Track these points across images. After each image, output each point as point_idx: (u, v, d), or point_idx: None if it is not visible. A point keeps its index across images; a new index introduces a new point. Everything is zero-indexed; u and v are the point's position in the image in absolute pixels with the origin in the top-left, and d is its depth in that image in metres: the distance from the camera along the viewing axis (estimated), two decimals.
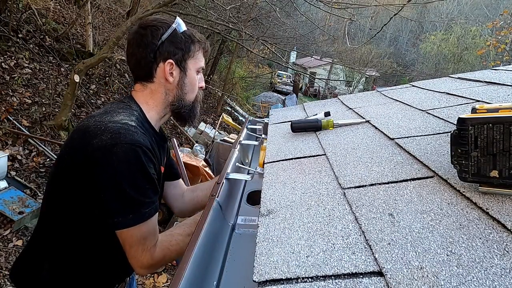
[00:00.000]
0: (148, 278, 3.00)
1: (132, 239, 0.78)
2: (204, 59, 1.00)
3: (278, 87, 19.88)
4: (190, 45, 0.93)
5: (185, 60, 0.93)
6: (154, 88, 0.92)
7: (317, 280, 0.45)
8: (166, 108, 0.95)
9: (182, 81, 0.94)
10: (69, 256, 0.86)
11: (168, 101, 0.94)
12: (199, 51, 0.97)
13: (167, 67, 0.90)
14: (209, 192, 1.10)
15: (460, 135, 0.55)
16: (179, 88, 0.94)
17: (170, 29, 0.90)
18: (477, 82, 1.35)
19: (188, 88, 0.95)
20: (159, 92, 0.93)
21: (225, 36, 6.33)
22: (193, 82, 0.97)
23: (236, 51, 9.65)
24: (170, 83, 0.92)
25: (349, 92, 21.23)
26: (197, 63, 0.96)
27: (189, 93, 0.96)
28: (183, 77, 0.94)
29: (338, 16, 5.97)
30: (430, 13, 28.77)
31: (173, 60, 0.90)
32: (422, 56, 26.66)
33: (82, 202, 0.80)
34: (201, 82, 1.01)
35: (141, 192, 0.78)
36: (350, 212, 0.60)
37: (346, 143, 0.96)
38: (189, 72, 0.94)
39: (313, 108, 1.60)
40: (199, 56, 0.96)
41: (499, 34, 8.87)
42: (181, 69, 0.93)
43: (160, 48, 0.89)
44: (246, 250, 0.73)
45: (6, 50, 4.22)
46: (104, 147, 0.74)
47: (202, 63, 0.99)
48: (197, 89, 0.99)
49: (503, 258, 0.41)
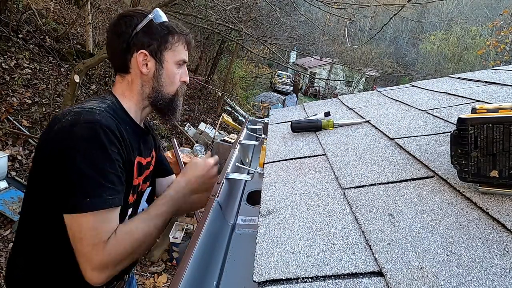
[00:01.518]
0: (148, 278, 3.00)
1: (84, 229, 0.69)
2: (186, 52, 0.97)
3: (278, 87, 19.89)
4: (168, 36, 0.90)
5: (161, 52, 0.90)
6: (130, 80, 0.91)
7: (317, 280, 0.45)
8: (144, 100, 0.92)
9: (158, 73, 0.91)
10: (44, 255, 0.81)
11: (145, 93, 0.92)
12: (179, 43, 0.93)
13: (140, 57, 0.87)
14: None
15: (460, 135, 0.55)
16: (155, 80, 0.91)
17: (146, 19, 0.88)
18: (477, 82, 1.35)
19: (166, 81, 0.92)
20: (135, 84, 0.91)
21: (225, 36, 6.33)
22: (171, 75, 0.93)
23: (236, 51, 9.64)
24: (145, 74, 0.90)
25: (349, 92, 21.23)
26: (176, 55, 0.93)
27: (167, 86, 0.93)
28: (159, 69, 0.91)
29: (338, 16, 5.97)
30: (430, 13, 28.77)
31: (146, 50, 0.88)
32: (422, 56, 26.65)
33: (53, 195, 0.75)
34: (184, 76, 0.97)
35: (101, 173, 0.72)
36: (350, 212, 0.60)
37: (346, 143, 0.96)
38: (166, 64, 0.91)
39: (313, 108, 1.60)
40: (178, 48, 0.93)
41: (499, 34, 8.87)
42: (156, 61, 0.90)
43: (134, 38, 0.87)
44: (246, 250, 0.73)
45: (6, 50, 4.22)
46: (63, 128, 0.72)
47: (183, 56, 0.95)
48: (177, 82, 0.96)
49: (503, 258, 0.41)
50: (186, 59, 0.97)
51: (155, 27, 0.89)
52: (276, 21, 8.50)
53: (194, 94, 8.40)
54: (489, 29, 16.31)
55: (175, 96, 0.96)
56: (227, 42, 9.17)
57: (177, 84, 0.96)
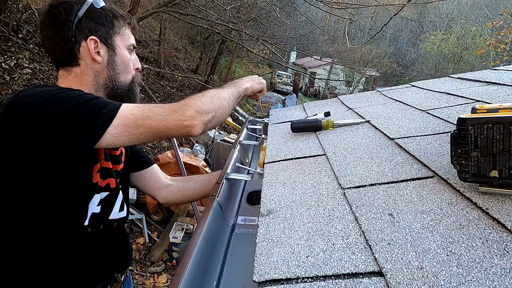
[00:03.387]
0: (148, 278, 3.00)
1: (137, 115, 0.72)
2: (133, 37, 0.92)
3: (278, 87, 19.89)
4: (113, 20, 0.86)
5: (111, 37, 0.85)
6: (80, 72, 0.83)
7: (317, 280, 0.45)
8: (98, 92, 0.86)
9: (112, 60, 0.86)
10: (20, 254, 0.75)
11: (99, 84, 0.85)
12: (125, 27, 0.89)
13: (91, 45, 0.81)
14: (202, 185, 1.09)
15: (460, 135, 0.55)
16: (110, 68, 0.85)
17: (86, 4, 0.82)
18: (477, 82, 1.35)
19: (121, 67, 0.87)
20: (87, 75, 0.84)
21: (225, 36, 6.34)
22: (126, 61, 0.89)
23: (236, 51, 9.65)
24: (99, 63, 0.84)
25: (349, 92, 21.23)
26: (126, 40, 0.89)
27: (123, 74, 0.88)
28: (113, 55, 0.86)
29: (338, 16, 5.97)
30: (430, 13, 28.77)
31: (96, 36, 0.82)
32: (422, 56, 26.67)
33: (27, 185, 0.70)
34: (137, 63, 0.93)
35: (80, 96, 0.69)
36: (350, 212, 0.60)
37: (346, 143, 0.96)
38: (118, 50, 0.87)
39: (313, 108, 1.60)
40: (126, 32, 0.89)
41: (499, 34, 8.88)
42: (108, 47, 0.85)
43: (78, 26, 0.80)
44: (246, 250, 0.73)
45: (6, 50, 4.22)
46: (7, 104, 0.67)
47: (132, 40, 0.91)
48: (132, 69, 0.91)
49: (503, 258, 0.41)
50: (135, 44, 0.93)
51: (98, 12, 0.83)
52: (276, 21, 8.50)
53: (194, 94, 8.40)
54: (489, 29, 16.31)
55: (132, 84, 0.91)
56: (227, 42, 9.18)
57: (132, 71, 0.92)
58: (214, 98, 0.85)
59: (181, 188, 1.11)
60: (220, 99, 0.87)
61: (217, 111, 0.84)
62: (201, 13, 5.68)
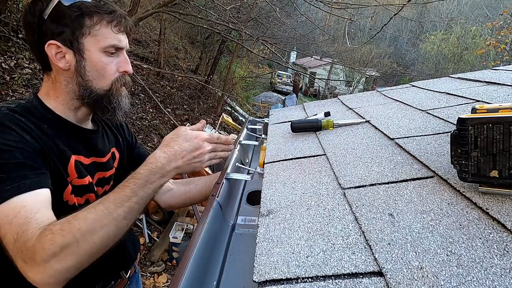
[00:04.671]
0: (148, 278, 3.00)
1: (4, 225, 0.59)
2: (118, 36, 0.78)
3: (278, 87, 19.91)
4: (81, 19, 0.73)
5: (77, 40, 0.74)
6: (54, 77, 0.78)
7: (317, 280, 0.45)
8: (73, 99, 0.79)
9: (80, 66, 0.76)
10: None
11: (73, 91, 0.78)
12: (101, 25, 0.75)
13: (51, 50, 0.74)
14: (203, 188, 1.06)
15: (460, 135, 0.55)
16: (78, 74, 0.77)
17: (53, 2, 0.72)
18: (477, 82, 1.35)
19: (92, 74, 0.77)
20: (59, 81, 0.78)
21: (225, 36, 6.33)
22: (99, 66, 0.77)
23: (236, 51, 9.64)
24: (65, 69, 0.76)
25: (349, 92, 21.24)
26: (100, 41, 0.76)
27: (97, 80, 0.78)
28: (81, 61, 0.75)
29: (338, 16, 5.97)
30: (430, 13, 28.78)
31: (58, 41, 0.73)
32: (422, 56, 26.67)
33: None
34: (124, 65, 0.81)
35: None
36: (350, 212, 0.60)
37: (346, 143, 0.96)
38: (88, 54, 0.75)
39: (313, 108, 1.59)
40: (102, 32, 0.76)
41: (499, 34, 8.88)
42: (74, 51, 0.75)
43: (43, 28, 0.73)
44: (246, 250, 0.73)
45: (6, 50, 4.22)
46: None
47: (112, 41, 0.77)
48: (110, 74, 0.79)
49: (503, 258, 0.41)
50: (120, 44, 0.79)
51: (63, 11, 0.72)
52: (276, 21, 8.50)
53: (194, 94, 8.41)
54: (489, 29, 16.31)
55: (109, 91, 0.80)
56: (227, 42, 9.17)
57: (111, 77, 0.80)
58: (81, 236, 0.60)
59: (183, 191, 1.09)
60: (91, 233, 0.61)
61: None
62: (201, 13, 5.68)
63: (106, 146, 0.94)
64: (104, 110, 0.82)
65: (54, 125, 0.77)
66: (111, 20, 0.76)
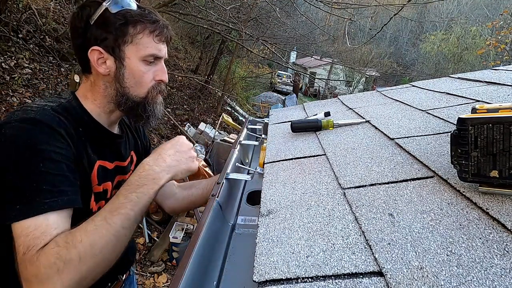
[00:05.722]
0: (148, 278, 3.00)
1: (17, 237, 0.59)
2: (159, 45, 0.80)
3: (278, 87, 19.89)
4: (125, 27, 0.75)
5: (119, 47, 0.76)
6: (93, 80, 0.80)
7: (317, 280, 0.45)
8: (110, 103, 0.81)
9: (119, 73, 0.77)
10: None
11: (111, 96, 0.80)
12: (143, 35, 0.77)
13: (93, 55, 0.75)
14: (205, 191, 1.07)
15: (460, 135, 0.55)
16: (117, 80, 0.78)
17: (100, 8, 0.74)
18: (477, 82, 1.35)
19: (130, 81, 0.79)
20: (98, 85, 0.79)
21: (225, 36, 6.33)
22: (137, 75, 0.79)
23: (236, 51, 9.64)
24: (105, 74, 0.77)
25: (349, 92, 21.24)
26: (141, 50, 0.77)
27: (134, 88, 0.80)
28: (120, 68, 0.77)
29: (338, 16, 5.97)
30: (430, 13, 28.79)
31: (101, 47, 0.75)
32: (422, 56, 26.68)
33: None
34: (161, 74, 0.82)
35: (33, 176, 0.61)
36: (350, 212, 0.60)
37: (346, 143, 0.96)
38: (128, 62, 0.77)
39: (313, 108, 1.59)
40: (143, 41, 0.77)
41: (499, 34, 8.88)
42: (115, 58, 0.77)
43: (88, 33, 0.74)
44: (246, 250, 0.73)
45: (6, 50, 4.22)
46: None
47: (152, 50, 0.78)
48: (147, 83, 0.81)
49: (503, 258, 0.41)
50: (160, 53, 0.80)
51: (108, 18, 0.74)
52: (276, 21, 8.50)
53: (194, 94, 8.40)
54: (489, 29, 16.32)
55: (145, 99, 0.82)
56: (227, 42, 9.17)
57: (148, 85, 0.81)
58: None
59: (186, 196, 1.11)
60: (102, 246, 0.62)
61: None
62: (201, 13, 5.68)
63: (127, 150, 0.95)
64: (138, 117, 0.84)
65: (88, 128, 0.78)
66: (153, 29, 0.78)
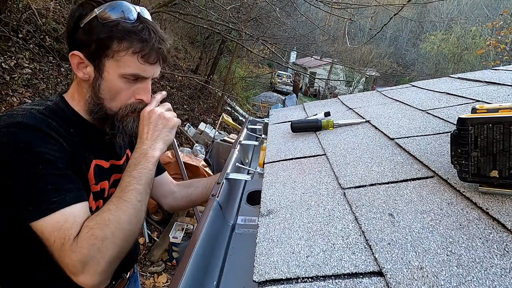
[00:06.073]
0: (148, 278, 3.00)
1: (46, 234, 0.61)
2: (144, 66, 0.74)
3: (278, 87, 19.89)
4: (109, 41, 0.71)
5: (100, 58, 0.73)
6: (78, 81, 0.78)
7: (317, 280, 0.45)
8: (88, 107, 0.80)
9: (96, 83, 0.75)
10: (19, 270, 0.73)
11: (88, 101, 0.79)
12: (126, 53, 0.72)
13: (74, 59, 0.73)
14: (204, 190, 1.07)
15: (460, 135, 0.55)
16: (92, 89, 0.76)
17: (91, 14, 0.71)
18: (477, 82, 1.35)
19: (106, 94, 0.76)
20: (81, 87, 0.78)
21: (225, 36, 6.33)
22: (114, 90, 0.75)
23: (236, 51, 9.64)
24: (83, 79, 0.75)
25: (349, 92, 21.23)
26: (121, 67, 0.73)
27: (108, 101, 0.77)
28: (98, 78, 0.74)
29: (338, 16, 5.97)
30: (430, 13, 28.79)
31: (82, 53, 0.73)
32: (422, 56, 26.69)
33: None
34: (142, 93, 0.78)
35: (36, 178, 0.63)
36: (350, 212, 0.60)
37: (346, 143, 0.96)
38: (106, 75, 0.74)
39: (313, 108, 1.60)
40: (125, 59, 0.72)
41: (499, 34, 8.88)
42: (95, 68, 0.74)
43: (76, 35, 0.72)
44: (246, 250, 0.73)
45: (6, 50, 4.22)
46: None
47: (133, 70, 0.74)
48: (123, 100, 0.78)
49: (503, 258, 0.41)
50: (143, 73, 0.76)
51: (96, 27, 0.71)
52: (276, 21, 8.50)
53: (194, 94, 8.40)
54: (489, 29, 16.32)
55: (118, 115, 0.79)
56: (227, 42, 9.17)
57: (124, 102, 0.78)
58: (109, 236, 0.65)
59: (185, 194, 1.11)
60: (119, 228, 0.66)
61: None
62: (201, 13, 5.68)
63: (122, 148, 0.94)
64: (110, 127, 0.82)
65: (79, 128, 0.78)
66: (139, 50, 0.73)
